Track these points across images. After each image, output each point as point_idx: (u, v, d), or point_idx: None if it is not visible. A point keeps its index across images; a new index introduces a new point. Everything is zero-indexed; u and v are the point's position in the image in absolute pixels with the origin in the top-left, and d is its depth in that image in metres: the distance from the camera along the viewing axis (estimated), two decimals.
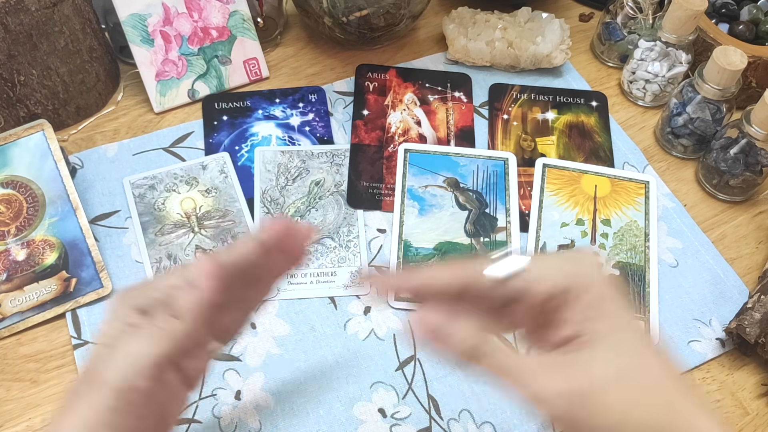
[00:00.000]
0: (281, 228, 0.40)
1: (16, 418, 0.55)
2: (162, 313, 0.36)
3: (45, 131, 0.63)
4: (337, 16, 0.72)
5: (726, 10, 0.78)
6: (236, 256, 0.39)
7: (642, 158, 0.72)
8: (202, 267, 0.36)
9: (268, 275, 0.43)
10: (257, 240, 0.39)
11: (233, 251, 0.39)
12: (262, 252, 0.39)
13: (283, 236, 0.40)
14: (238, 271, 0.39)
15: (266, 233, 0.40)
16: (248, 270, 0.39)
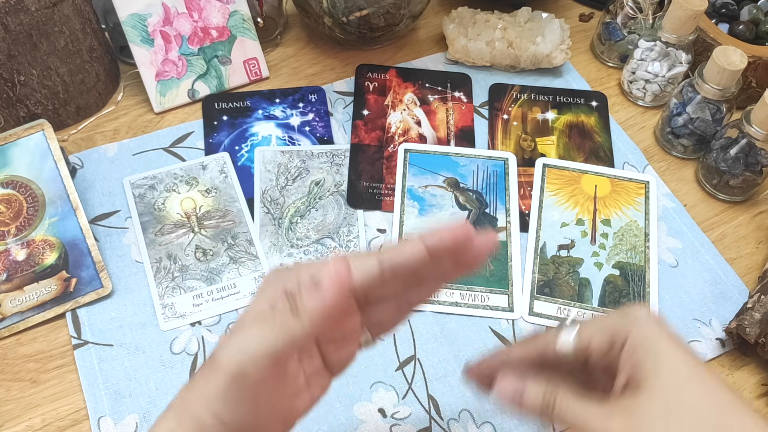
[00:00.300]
0: (458, 236, 0.36)
1: (16, 418, 0.55)
2: (285, 307, 0.34)
3: (45, 131, 0.63)
4: (337, 16, 0.72)
5: (726, 10, 0.78)
6: (397, 258, 0.36)
7: (642, 158, 0.72)
8: (333, 270, 0.34)
9: (434, 278, 0.40)
10: (427, 244, 0.36)
11: (395, 252, 0.36)
12: (429, 257, 0.36)
13: (458, 244, 0.37)
14: (396, 271, 0.36)
15: (439, 239, 0.36)
16: (410, 271, 0.37)
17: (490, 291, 0.62)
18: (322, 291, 0.34)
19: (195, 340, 0.58)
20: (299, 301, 0.34)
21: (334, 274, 0.34)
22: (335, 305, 0.34)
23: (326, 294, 0.34)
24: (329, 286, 0.34)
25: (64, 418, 0.55)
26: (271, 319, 0.34)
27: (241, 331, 0.35)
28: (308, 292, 0.34)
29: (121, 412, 0.55)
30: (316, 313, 0.34)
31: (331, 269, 0.34)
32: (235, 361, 0.34)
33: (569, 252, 0.65)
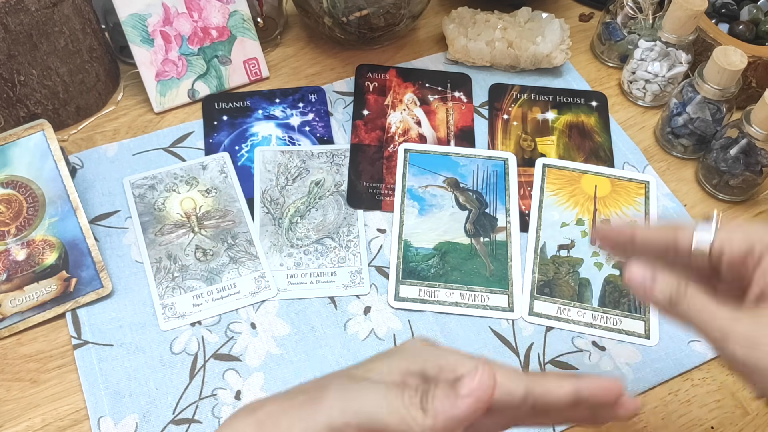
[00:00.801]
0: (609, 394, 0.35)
1: (16, 418, 0.55)
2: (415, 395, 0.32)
3: (45, 131, 0.63)
4: (337, 16, 0.72)
5: (726, 10, 0.78)
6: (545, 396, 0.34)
7: (642, 158, 0.72)
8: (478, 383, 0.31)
9: (559, 417, 0.38)
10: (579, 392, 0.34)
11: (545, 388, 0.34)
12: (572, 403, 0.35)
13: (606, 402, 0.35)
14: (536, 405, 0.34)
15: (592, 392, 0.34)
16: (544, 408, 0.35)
17: (490, 291, 0.62)
18: (458, 400, 0.31)
19: (195, 340, 0.58)
20: (431, 398, 0.32)
21: (478, 388, 0.31)
22: (466, 420, 0.31)
23: (462, 406, 0.31)
24: (468, 399, 0.31)
25: (64, 418, 0.55)
26: (397, 396, 0.32)
27: (363, 387, 0.33)
28: (444, 393, 0.32)
29: (121, 412, 0.55)
30: (443, 419, 0.31)
31: (476, 380, 0.31)
32: (340, 413, 0.32)
33: (569, 252, 0.65)
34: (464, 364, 0.33)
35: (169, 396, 0.56)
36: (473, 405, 0.31)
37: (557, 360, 0.59)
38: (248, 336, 0.59)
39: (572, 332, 0.60)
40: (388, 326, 0.60)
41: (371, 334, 0.60)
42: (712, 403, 0.58)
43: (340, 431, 0.32)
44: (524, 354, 0.59)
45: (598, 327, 0.60)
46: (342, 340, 0.59)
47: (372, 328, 0.60)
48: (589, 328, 0.60)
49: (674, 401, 0.57)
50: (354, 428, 0.32)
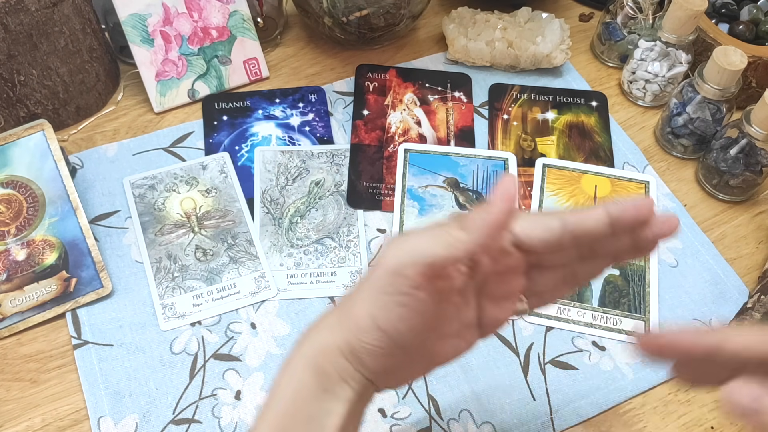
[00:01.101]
0: (641, 209, 0.36)
1: (16, 418, 0.55)
2: (454, 224, 0.35)
3: (45, 131, 0.63)
4: (337, 16, 0.72)
5: (726, 10, 0.78)
6: (580, 223, 0.36)
7: (642, 158, 0.72)
8: (503, 185, 0.34)
9: (606, 256, 0.39)
10: (611, 213, 0.36)
11: (579, 216, 0.36)
12: (611, 228, 0.36)
13: (641, 218, 0.36)
14: (576, 236, 0.36)
15: (623, 210, 0.36)
16: (589, 240, 0.36)
17: None
18: (490, 207, 0.34)
19: (195, 340, 0.58)
20: (467, 219, 0.34)
21: (503, 189, 0.34)
22: (501, 221, 0.34)
23: (494, 210, 0.33)
24: (497, 202, 0.34)
25: (64, 418, 0.55)
26: (437, 230, 0.35)
27: (406, 238, 0.35)
28: (477, 209, 0.35)
29: (121, 412, 0.55)
30: (480, 229, 0.34)
31: (500, 185, 0.34)
32: (396, 258, 0.34)
33: None
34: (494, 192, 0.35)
35: (169, 396, 0.56)
36: (504, 206, 0.33)
37: (557, 360, 0.59)
38: (248, 336, 0.59)
39: (572, 332, 0.60)
40: None
41: None
42: (712, 403, 0.58)
43: (399, 274, 0.34)
44: (524, 354, 0.59)
45: (598, 327, 0.60)
46: None
47: None
48: (589, 328, 0.60)
49: (674, 401, 0.57)
50: (409, 267, 0.34)
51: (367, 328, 0.35)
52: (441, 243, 0.34)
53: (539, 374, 0.58)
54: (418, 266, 0.34)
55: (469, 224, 0.34)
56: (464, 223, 0.34)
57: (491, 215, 0.34)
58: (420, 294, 0.34)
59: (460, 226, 0.34)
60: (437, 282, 0.35)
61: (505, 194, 0.34)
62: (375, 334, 0.35)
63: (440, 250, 0.34)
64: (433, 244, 0.34)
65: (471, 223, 0.34)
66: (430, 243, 0.34)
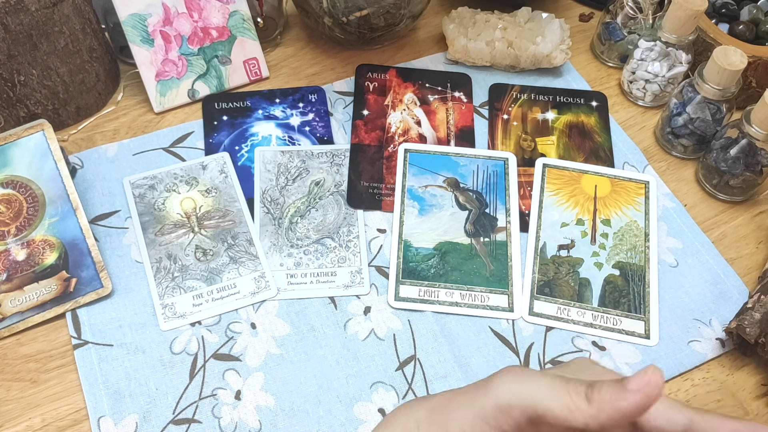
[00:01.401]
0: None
1: (16, 418, 0.55)
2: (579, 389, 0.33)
3: (45, 131, 0.63)
4: (337, 16, 0.72)
5: (726, 10, 0.78)
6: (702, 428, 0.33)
7: (642, 158, 0.72)
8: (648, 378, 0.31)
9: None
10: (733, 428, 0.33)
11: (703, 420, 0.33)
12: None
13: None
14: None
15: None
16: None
17: (490, 291, 0.62)
18: (627, 393, 0.31)
19: (195, 340, 0.58)
20: (596, 390, 0.32)
21: (648, 384, 0.31)
22: (631, 416, 0.31)
23: (630, 399, 0.31)
24: (637, 394, 0.31)
25: (64, 418, 0.55)
26: (563, 385, 0.33)
27: (531, 376, 0.34)
28: (611, 387, 0.32)
29: (121, 412, 0.55)
30: (608, 410, 0.31)
31: (647, 377, 0.31)
32: (510, 395, 0.33)
33: (569, 252, 0.65)
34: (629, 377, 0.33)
35: (169, 396, 0.56)
36: (641, 400, 0.31)
37: (557, 360, 0.59)
38: (248, 336, 0.59)
39: (572, 332, 0.60)
40: (388, 326, 0.60)
41: (371, 334, 0.60)
42: (712, 403, 0.58)
43: (506, 412, 0.33)
44: (524, 354, 0.59)
45: (598, 327, 0.60)
46: (342, 340, 0.59)
47: (372, 328, 0.60)
48: (589, 328, 0.60)
49: None
50: (518, 410, 0.33)
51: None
52: (561, 402, 0.32)
53: None
54: (526, 410, 0.33)
55: (598, 399, 0.32)
56: (593, 395, 0.32)
57: (625, 403, 0.31)
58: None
59: (586, 396, 0.32)
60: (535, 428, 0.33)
61: (648, 392, 0.31)
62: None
63: (556, 409, 0.32)
64: (552, 398, 0.32)
65: (600, 398, 0.32)
66: (550, 395, 0.32)
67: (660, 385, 0.31)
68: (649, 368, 0.31)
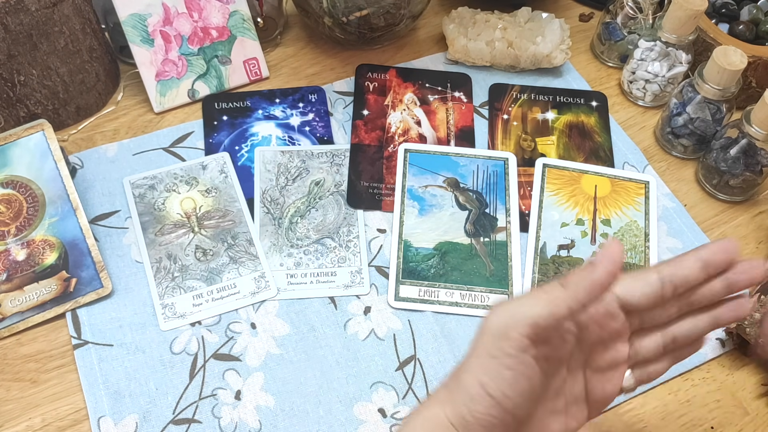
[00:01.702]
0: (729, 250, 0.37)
1: (16, 418, 0.55)
2: (554, 284, 0.36)
3: (45, 131, 0.63)
4: (337, 16, 0.72)
5: (726, 10, 0.78)
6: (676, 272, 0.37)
7: (642, 158, 0.72)
8: (610, 249, 0.35)
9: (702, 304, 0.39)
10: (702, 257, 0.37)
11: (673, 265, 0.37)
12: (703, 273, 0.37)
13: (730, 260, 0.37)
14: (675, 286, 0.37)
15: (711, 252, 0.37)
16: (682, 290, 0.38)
17: (490, 291, 0.62)
18: (594, 265, 0.35)
19: (195, 340, 0.58)
20: (568, 277, 0.35)
21: (610, 252, 0.35)
22: (604, 281, 0.34)
23: (597, 268, 0.34)
24: (603, 262, 0.34)
25: (64, 418, 0.55)
26: (540, 291, 0.36)
27: (508, 302, 0.36)
28: (579, 270, 0.35)
29: (121, 412, 0.55)
30: (583, 287, 0.34)
31: (608, 247, 0.35)
32: (499, 321, 0.35)
33: (569, 252, 0.65)
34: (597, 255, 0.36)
35: (169, 396, 0.56)
36: (608, 267, 0.34)
37: None
38: (248, 336, 0.59)
39: None
40: (388, 326, 0.60)
41: (371, 334, 0.60)
42: (712, 403, 0.58)
43: (504, 337, 0.35)
44: None
45: None
46: (342, 340, 0.59)
47: (372, 328, 0.60)
48: None
49: (674, 401, 0.57)
50: (513, 329, 0.34)
51: (478, 397, 0.35)
52: (542, 302, 0.35)
53: None
54: (521, 327, 0.34)
55: (570, 282, 0.35)
56: (566, 282, 0.35)
57: (594, 274, 0.34)
58: (527, 357, 0.35)
59: (560, 285, 0.35)
60: (543, 346, 0.35)
61: (611, 258, 0.35)
62: (485, 402, 0.35)
63: (541, 309, 0.34)
64: (534, 304, 0.35)
65: (573, 280, 0.35)
66: (532, 303, 0.35)
67: (620, 250, 0.35)
68: (610, 241, 0.34)
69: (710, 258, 0.37)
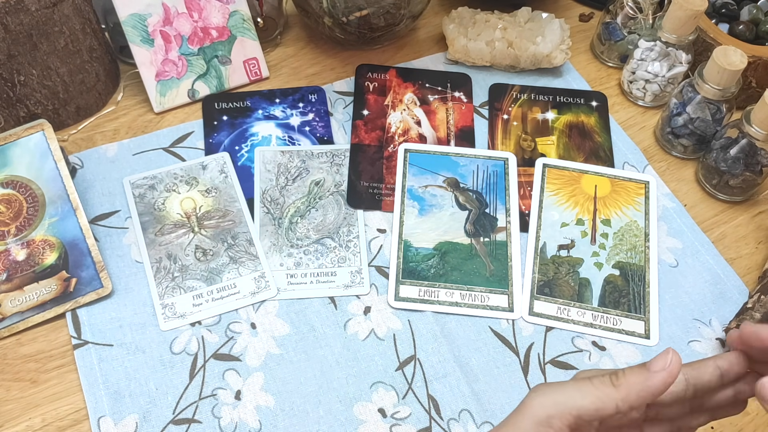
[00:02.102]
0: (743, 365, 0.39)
1: (16, 418, 0.55)
2: (606, 377, 0.36)
3: (45, 131, 0.63)
4: (337, 16, 0.72)
5: (726, 10, 0.78)
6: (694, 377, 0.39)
7: (642, 158, 0.72)
8: (670, 358, 0.35)
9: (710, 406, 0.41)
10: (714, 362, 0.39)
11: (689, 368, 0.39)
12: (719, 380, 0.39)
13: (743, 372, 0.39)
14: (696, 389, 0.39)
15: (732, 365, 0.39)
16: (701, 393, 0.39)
17: (490, 291, 0.62)
18: (651, 374, 0.35)
19: (195, 340, 0.58)
20: (621, 376, 0.36)
21: (670, 362, 0.35)
22: (658, 391, 0.35)
23: (655, 376, 0.35)
24: (661, 372, 0.35)
25: (64, 418, 0.55)
26: (588, 383, 0.36)
27: (552, 387, 0.37)
28: (634, 371, 0.36)
29: (121, 412, 0.55)
30: (635, 388, 0.35)
31: (669, 357, 0.35)
32: (544, 408, 0.35)
33: (569, 252, 0.65)
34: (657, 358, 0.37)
35: (169, 396, 0.56)
36: (665, 377, 0.35)
37: (557, 360, 0.59)
38: (248, 336, 0.59)
39: (572, 332, 0.60)
40: (388, 326, 0.60)
41: (371, 334, 0.60)
42: None
43: (546, 425, 0.35)
44: (524, 354, 0.59)
45: (598, 327, 0.60)
46: (342, 340, 0.59)
47: (372, 328, 0.60)
48: (589, 328, 0.60)
49: None
50: (557, 418, 0.35)
51: None
52: (591, 396, 0.35)
53: (539, 374, 0.58)
54: (566, 417, 0.35)
55: (624, 382, 0.35)
56: (618, 381, 0.35)
57: (650, 382, 0.35)
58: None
59: (612, 383, 0.35)
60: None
61: (671, 371, 0.35)
62: None
63: (589, 404, 0.35)
64: (582, 396, 0.35)
65: (626, 381, 0.35)
66: (579, 396, 0.35)
67: (679, 362, 0.35)
68: (669, 350, 0.35)
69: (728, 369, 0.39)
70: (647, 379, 0.35)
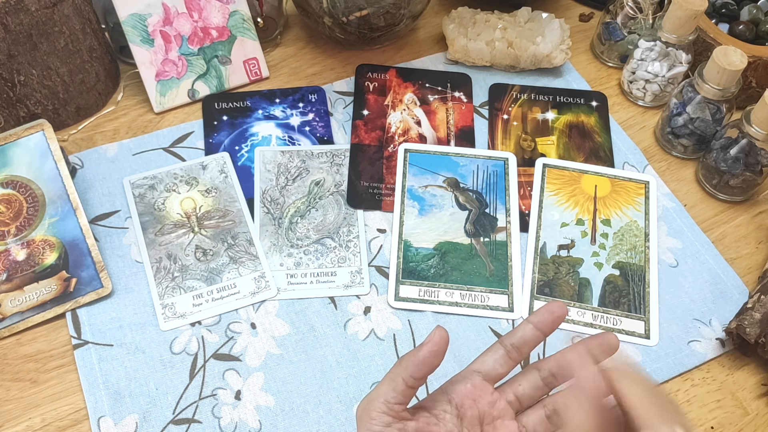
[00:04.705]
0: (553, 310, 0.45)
1: (16, 418, 0.55)
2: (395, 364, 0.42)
3: (45, 131, 0.63)
4: (337, 16, 0.72)
5: (726, 10, 0.78)
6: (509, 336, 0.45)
7: (642, 158, 0.72)
8: (435, 332, 0.41)
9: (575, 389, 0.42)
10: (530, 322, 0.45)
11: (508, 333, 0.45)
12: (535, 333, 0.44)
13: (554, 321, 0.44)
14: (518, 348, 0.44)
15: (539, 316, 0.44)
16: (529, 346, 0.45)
17: (490, 291, 0.62)
18: (420, 347, 0.41)
19: (195, 340, 0.58)
20: (402, 358, 0.42)
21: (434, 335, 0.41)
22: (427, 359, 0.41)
23: (422, 347, 0.41)
24: (424, 345, 0.41)
25: (64, 418, 0.55)
26: (389, 373, 0.42)
27: (375, 388, 0.42)
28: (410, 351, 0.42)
29: (121, 412, 0.55)
30: (411, 361, 0.41)
31: (434, 332, 0.41)
32: (361, 407, 0.42)
33: (569, 252, 0.65)
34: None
35: (169, 396, 0.56)
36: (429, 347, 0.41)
37: None
38: (248, 336, 0.59)
39: (572, 332, 0.60)
40: (388, 326, 0.60)
41: (371, 334, 0.60)
42: (712, 403, 0.58)
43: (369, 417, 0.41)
44: None
45: (598, 327, 0.60)
46: (342, 340, 0.59)
47: (372, 328, 0.60)
48: (589, 328, 0.60)
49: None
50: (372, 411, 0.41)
51: None
52: (386, 381, 0.41)
53: None
54: (378, 407, 0.40)
55: (403, 360, 0.41)
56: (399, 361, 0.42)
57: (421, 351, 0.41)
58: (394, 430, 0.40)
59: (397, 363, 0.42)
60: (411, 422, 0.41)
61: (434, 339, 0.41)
62: None
63: (387, 388, 0.41)
64: (381, 384, 0.41)
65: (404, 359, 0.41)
66: (380, 385, 0.41)
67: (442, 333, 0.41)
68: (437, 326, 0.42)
69: (538, 321, 0.44)
70: (417, 351, 0.41)
